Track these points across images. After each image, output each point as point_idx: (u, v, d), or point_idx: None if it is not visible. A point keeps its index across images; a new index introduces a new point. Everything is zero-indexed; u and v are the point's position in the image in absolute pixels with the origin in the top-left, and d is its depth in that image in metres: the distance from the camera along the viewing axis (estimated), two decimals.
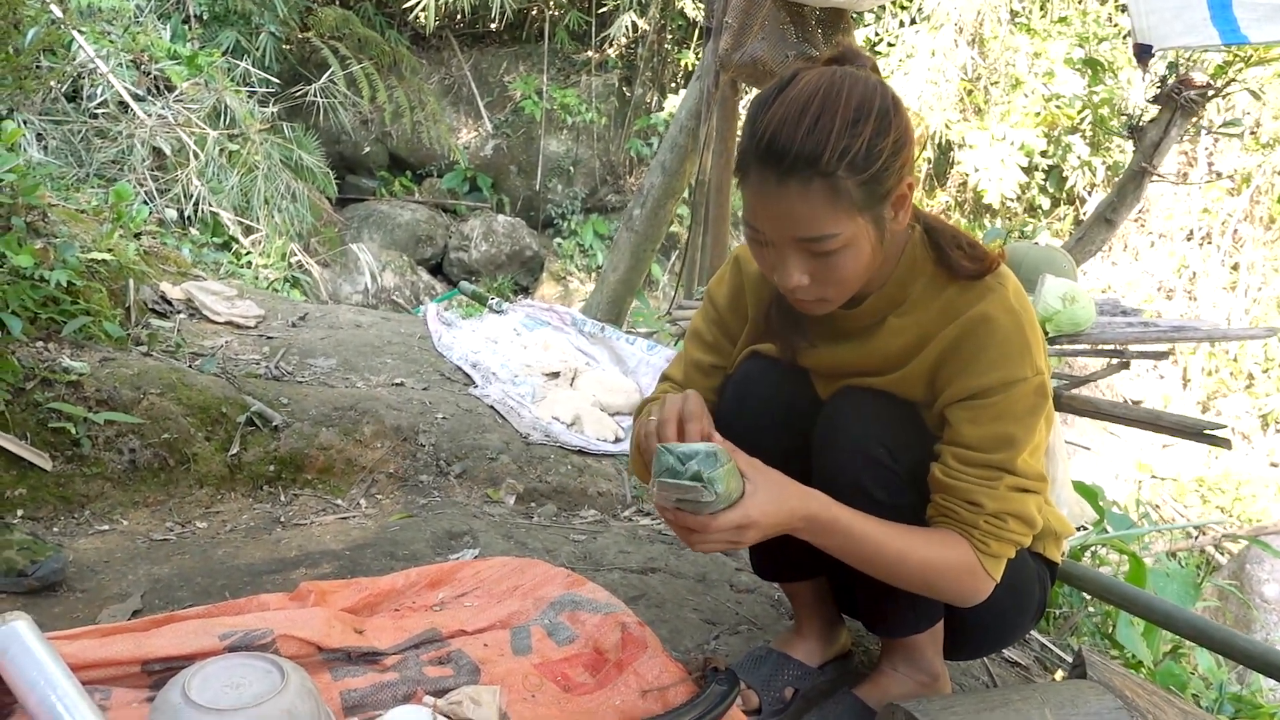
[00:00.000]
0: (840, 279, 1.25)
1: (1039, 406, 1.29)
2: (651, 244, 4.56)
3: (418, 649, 1.50)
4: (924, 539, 1.31)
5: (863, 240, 1.22)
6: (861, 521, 1.28)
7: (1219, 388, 8.77)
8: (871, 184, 1.19)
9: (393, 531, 2.18)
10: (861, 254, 1.23)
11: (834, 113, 1.16)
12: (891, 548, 1.28)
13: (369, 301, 8.41)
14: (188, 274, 3.64)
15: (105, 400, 2.29)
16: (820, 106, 1.16)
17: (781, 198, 1.18)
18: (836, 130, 1.15)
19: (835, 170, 1.15)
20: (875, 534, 1.28)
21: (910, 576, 1.32)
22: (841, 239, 1.20)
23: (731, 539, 1.20)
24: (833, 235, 1.19)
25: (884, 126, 1.18)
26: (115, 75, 5.73)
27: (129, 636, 1.39)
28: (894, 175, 1.21)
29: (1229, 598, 4.65)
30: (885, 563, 1.29)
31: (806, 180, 1.16)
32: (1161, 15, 3.06)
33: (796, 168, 1.16)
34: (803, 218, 1.18)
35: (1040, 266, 2.91)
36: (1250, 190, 8.89)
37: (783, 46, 3.10)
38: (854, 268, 1.24)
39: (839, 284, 1.26)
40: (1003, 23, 8.94)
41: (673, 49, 10.80)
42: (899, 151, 1.20)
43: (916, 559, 1.29)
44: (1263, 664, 1.87)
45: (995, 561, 1.32)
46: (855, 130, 1.16)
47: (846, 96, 1.17)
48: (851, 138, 1.16)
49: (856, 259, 1.23)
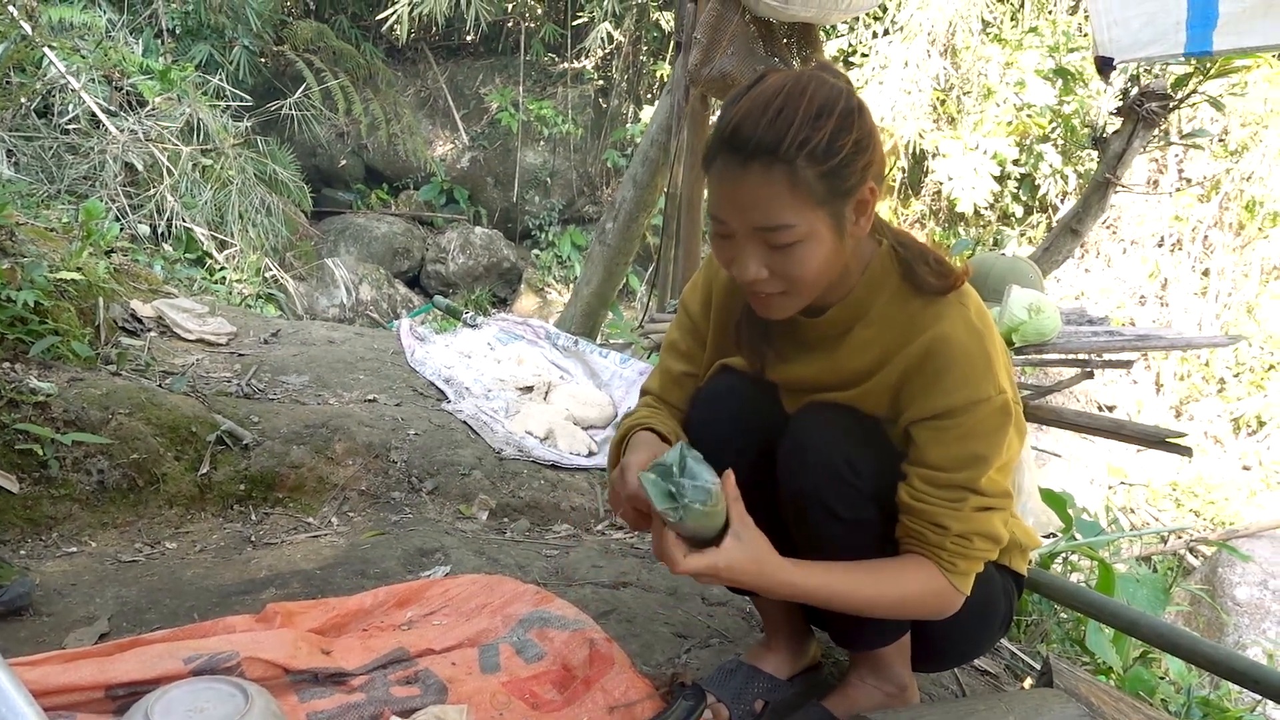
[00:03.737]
0: (798, 275, 1.25)
1: (1004, 425, 1.30)
2: (624, 257, 4.58)
3: (385, 669, 1.50)
4: (891, 576, 1.33)
5: (821, 235, 1.23)
6: (830, 580, 1.30)
7: (1191, 392, 8.86)
8: (831, 177, 1.20)
9: (364, 550, 2.17)
10: (819, 250, 1.24)
11: (797, 106, 1.19)
12: (862, 596, 1.31)
13: (346, 315, 8.38)
14: (159, 291, 3.62)
15: (73, 421, 2.27)
16: (784, 100, 1.20)
17: (743, 183, 1.21)
18: (799, 121, 1.18)
19: (795, 158, 1.18)
20: (845, 588, 1.30)
21: (881, 613, 1.36)
22: (798, 231, 1.21)
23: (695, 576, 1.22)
24: (790, 225, 1.21)
25: (847, 124, 1.21)
26: (87, 91, 5.69)
27: (93, 661, 1.38)
28: (856, 175, 1.22)
29: (1201, 601, 4.70)
30: (857, 608, 1.33)
31: (767, 166, 1.19)
32: (1127, 26, 3.09)
33: (758, 154, 1.19)
34: (761, 204, 1.21)
35: (1007, 277, 2.94)
36: (1219, 197, 9.00)
37: (752, 61, 3.13)
38: (812, 264, 1.25)
39: (797, 280, 1.26)
40: (974, 33, 9.03)
41: (648, 60, 10.84)
42: (861, 151, 1.22)
43: (889, 599, 1.33)
44: (1226, 669, 1.89)
45: (964, 578, 1.35)
46: (817, 123, 1.19)
47: (811, 93, 1.21)
48: (813, 129, 1.18)
49: (814, 254, 1.24)
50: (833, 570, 1.31)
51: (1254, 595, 4.86)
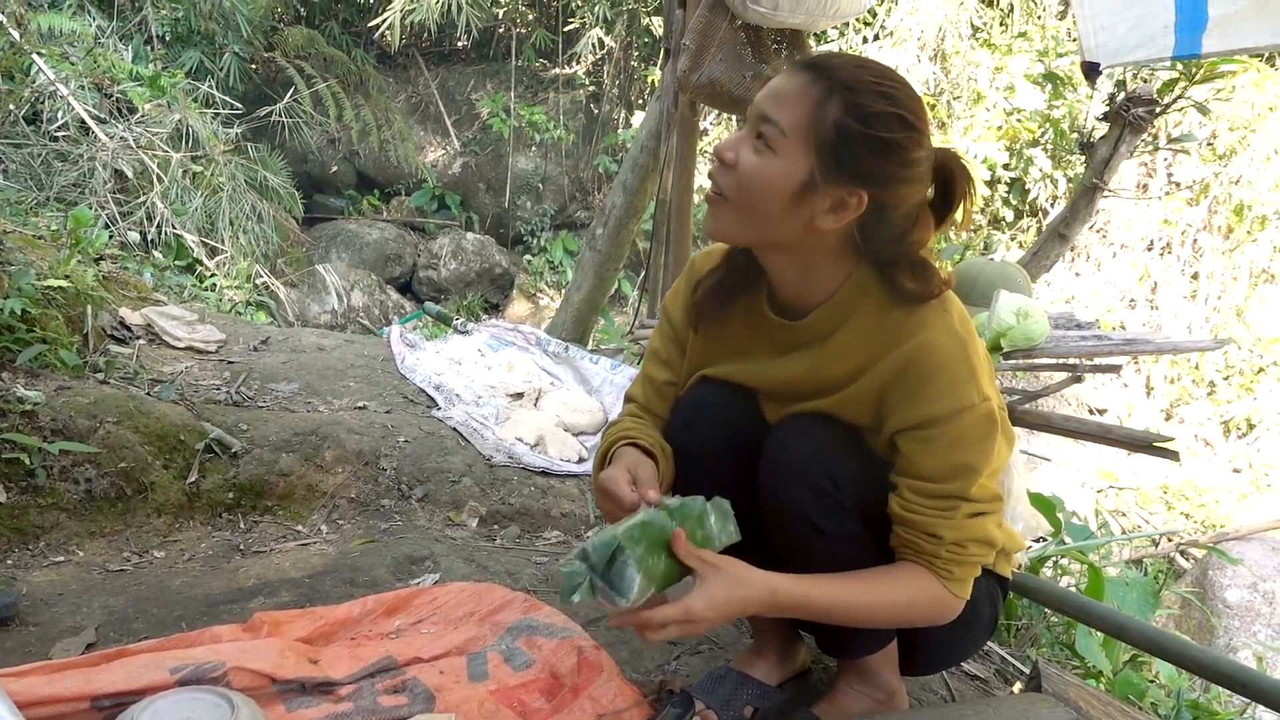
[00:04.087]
0: (744, 183, 1.25)
1: (990, 433, 1.29)
2: (615, 263, 4.59)
3: (373, 678, 1.50)
4: (886, 586, 1.32)
5: (786, 173, 1.22)
6: (825, 590, 1.29)
7: (1181, 395, 8.89)
8: (845, 136, 1.20)
9: (353, 558, 2.17)
10: (773, 183, 1.23)
11: (880, 75, 1.22)
12: (859, 606, 1.30)
13: (338, 322, 8.38)
14: (148, 299, 3.61)
15: (61, 430, 2.26)
16: (878, 67, 1.24)
17: (790, 79, 1.24)
18: (870, 80, 1.21)
19: (837, 91, 1.20)
20: (841, 598, 1.29)
21: (881, 623, 1.37)
22: (779, 143, 1.22)
23: (680, 632, 1.20)
24: (777, 125, 1.22)
25: (902, 124, 1.21)
26: (76, 98, 5.69)
27: (78, 672, 1.38)
28: (863, 164, 1.21)
29: (1191, 605, 4.71)
30: (856, 619, 1.33)
31: (813, 80, 1.21)
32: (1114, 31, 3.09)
33: (819, 69, 1.22)
34: (783, 97, 1.23)
35: (995, 282, 2.95)
36: (1208, 201, 9.05)
37: (740, 67, 3.14)
38: (757, 186, 1.24)
39: (740, 188, 1.25)
40: (964, 38, 9.07)
41: (639, 66, 10.86)
42: (886, 157, 1.21)
43: (886, 610, 1.33)
44: (1214, 673, 1.89)
45: (960, 584, 1.34)
46: (881, 98, 1.20)
47: (912, 95, 1.23)
48: (870, 93, 1.20)
49: (765, 178, 1.23)
50: (829, 582, 1.30)
51: (1244, 598, 4.88)
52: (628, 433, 1.47)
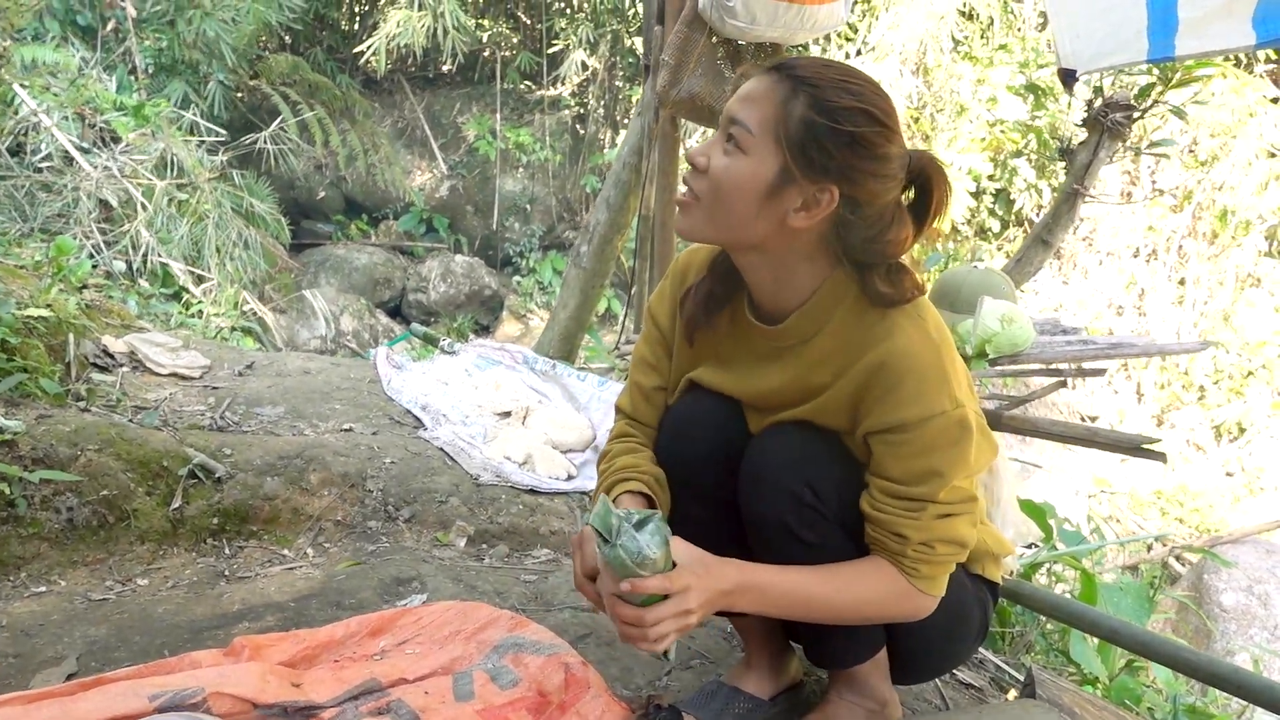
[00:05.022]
0: (714, 185, 1.26)
1: (961, 439, 1.28)
2: (600, 279, 4.59)
3: (356, 700, 1.48)
4: (850, 578, 1.32)
5: (756, 173, 1.24)
6: (785, 578, 1.29)
7: (1172, 401, 8.91)
8: (813, 131, 1.21)
9: (339, 580, 2.15)
10: (743, 184, 1.25)
11: (844, 74, 1.24)
12: (819, 595, 1.30)
13: (327, 347, 8.35)
14: (132, 326, 3.59)
15: (41, 459, 2.24)
16: (842, 67, 1.26)
17: (757, 81, 1.26)
18: (834, 78, 1.23)
19: (802, 90, 1.22)
20: (801, 585, 1.29)
21: (845, 616, 1.35)
22: (748, 143, 1.24)
23: (678, 608, 1.20)
24: (745, 127, 1.24)
25: (869, 119, 1.22)
26: (59, 128, 5.68)
27: (55, 702, 1.35)
28: (832, 160, 1.21)
29: (1188, 609, 4.70)
30: (819, 611, 1.32)
31: (781, 79, 1.23)
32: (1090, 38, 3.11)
33: (784, 69, 1.24)
34: (750, 99, 1.25)
35: (979, 289, 2.96)
36: (1192, 207, 9.11)
37: (720, 81, 3.15)
38: (728, 187, 1.25)
39: (711, 190, 1.27)
40: (945, 51, 9.13)
41: (623, 86, 10.91)
42: (855, 152, 1.21)
43: (847, 600, 1.32)
44: (1208, 675, 1.88)
45: (929, 581, 1.33)
46: (845, 93, 1.22)
47: (875, 90, 1.25)
48: (835, 89, 1.22)
49: (736, 180, 1.25)
50: (795, 571, 1.30)
51: (1240, 601, 4.87)
52: (623, 474, 1.45)
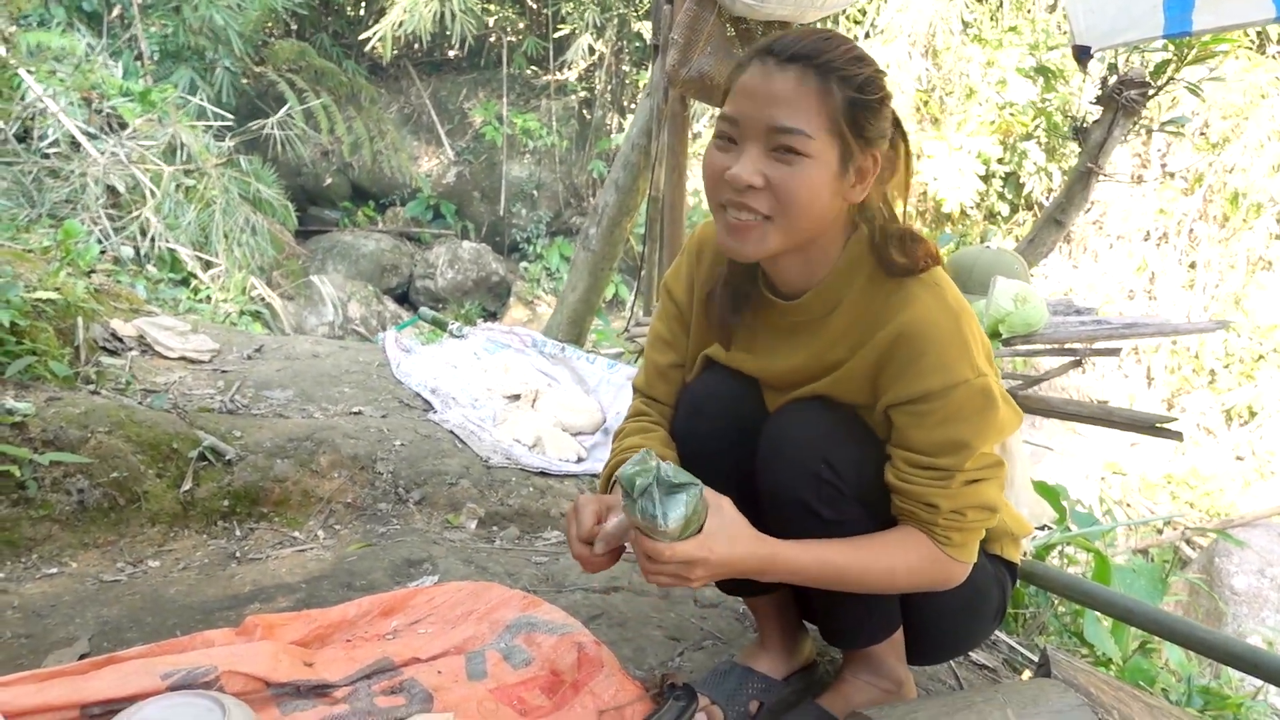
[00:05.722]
0: (790, 192, 1.19)
1: (985, 408, 1.26)
2: (609, 262, 4.57)
3: (369, 679, 1.47)
4: (881, 550, 1.30)
5: (826, 165, 1.20)
6: (815, 555, 1.27)
7: (1182, 385, 8.87)
8: (859, 109, 1.20)
9: (350, 562, 2.14)
10: (818, 179, 1.20)
11: (839, 42, 1.22)
12: (854, 568, 1.29)
13: (335, 333, 8.36)
14: (140, 311, 3.58)
15: (51, 441, 2.23)
16: (827, 34, 1.24)
17: (775, 79, 1.19)
18: (840, 51, 1.20)
19: (831, 74, 1.18)
20: (834, 562, 1.28)
21: (878, 588, 1.33)
22: (811, 145, 1.18)
23: (679, 573, 1.19)
24: (805, 134, 1.17)
25: (880, 78, 1.23)
26: (66, 114, 5.67)
27: (67, 680, 1.35)
28: (876, 128, 1.22)
29: (1199, 592, 4.68)
30: (851, 584, 1.30)
31: (805, 70, 1.18)
32: (1104, 13, 3.08)
33: (799, 59, 1.19)
34: (788, 103, 1.18)
35: (991, 270, 2.93)
36: (1203, 189, 9.04)
37: (729, 60, 3.12)
38: (806, 189, 1.19)
39: (787, 201, 1.20)
40: (955, 34, 9.07)
41: (630, 70, 10.86)
42: (886, 110, 1.23)
43: (881, 570, 1.30)
44: (1223, 653, 1.87)
45: (962, 549, 1.32)
46: (858, 62, 1.21)
47: (848, 43, 1.23)
48: (851, 64, 1.20)
49: (812, 180, 1.19)
50: (825, 545, 1.29)
51: (1252, 584, 4.85)
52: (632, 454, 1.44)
